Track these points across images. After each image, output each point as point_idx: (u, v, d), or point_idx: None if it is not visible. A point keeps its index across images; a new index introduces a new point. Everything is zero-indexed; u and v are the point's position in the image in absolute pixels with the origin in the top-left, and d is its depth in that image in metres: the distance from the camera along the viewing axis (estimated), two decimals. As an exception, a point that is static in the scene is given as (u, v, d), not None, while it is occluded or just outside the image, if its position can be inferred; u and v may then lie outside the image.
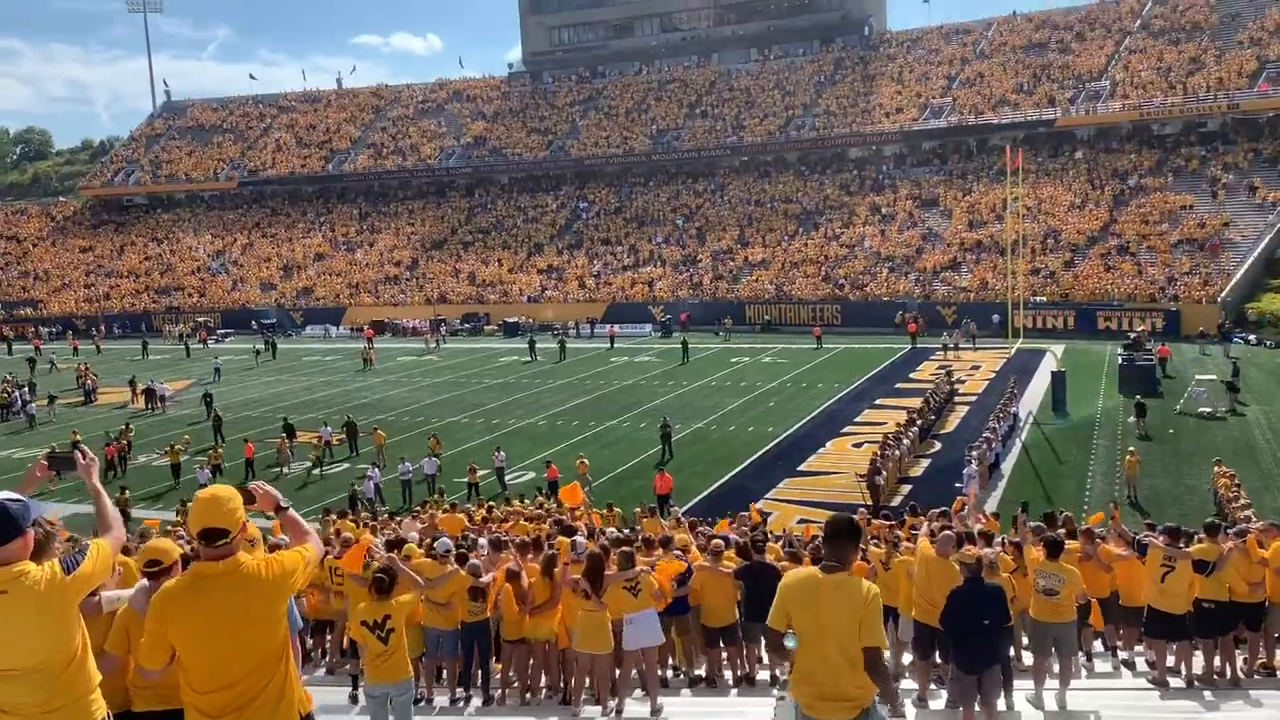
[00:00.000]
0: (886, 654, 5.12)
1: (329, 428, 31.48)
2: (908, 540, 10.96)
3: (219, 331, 66.26)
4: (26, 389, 41.53)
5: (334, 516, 16.17)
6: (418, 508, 20.89)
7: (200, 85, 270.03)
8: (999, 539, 10.88)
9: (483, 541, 10.54)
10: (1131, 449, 24.32)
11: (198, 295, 73.14)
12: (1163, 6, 70.32)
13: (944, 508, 14.64)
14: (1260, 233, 51.20)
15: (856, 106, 73.05)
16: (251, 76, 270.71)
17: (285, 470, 29.28)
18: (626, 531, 13.11)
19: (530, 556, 9.51)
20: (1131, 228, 53.76)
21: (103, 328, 68.71)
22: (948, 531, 8.67)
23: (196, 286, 74.24)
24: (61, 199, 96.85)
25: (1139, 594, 9.74)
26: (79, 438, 30.90)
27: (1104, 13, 73.02)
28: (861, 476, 23.39)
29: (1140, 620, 9.74)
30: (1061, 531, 10.32)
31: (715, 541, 10.22)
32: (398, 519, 17.55)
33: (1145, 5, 71.65)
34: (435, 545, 9.39)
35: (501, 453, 27.35)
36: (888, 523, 14.26)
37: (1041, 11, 77.23)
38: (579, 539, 9.33)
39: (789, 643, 4.80)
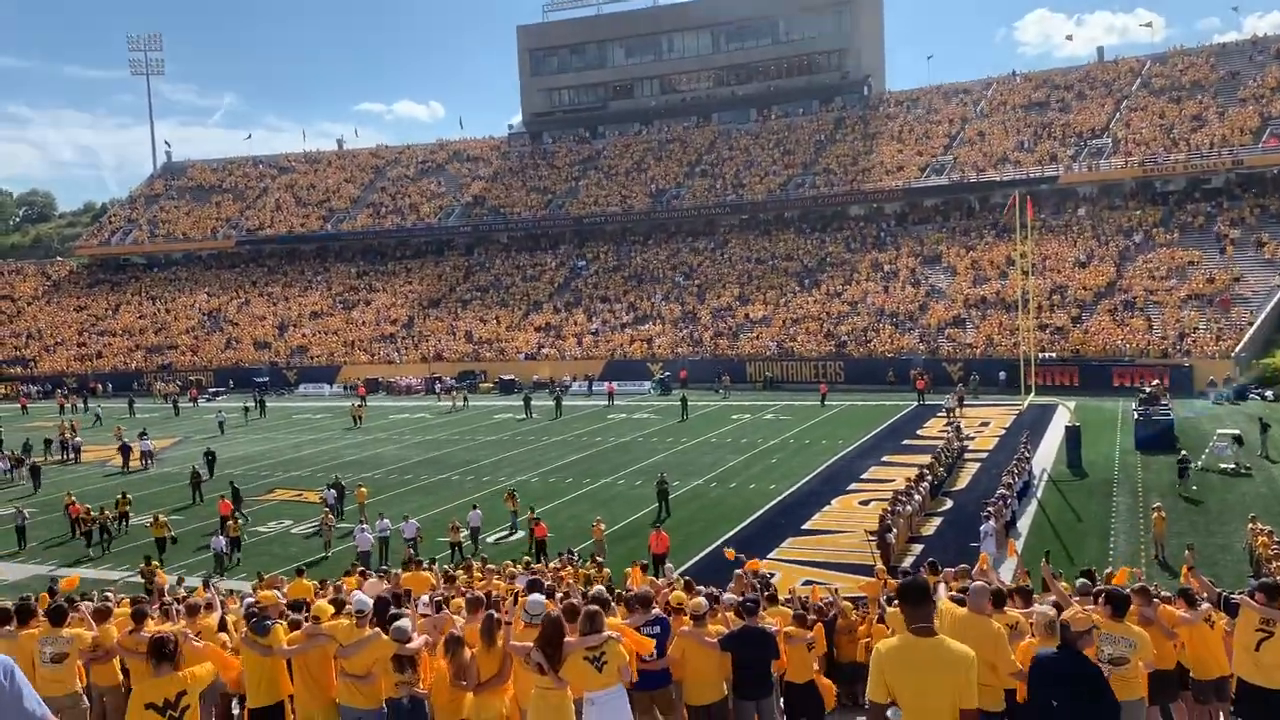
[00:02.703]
0: None
1: (333, 490, 29.22)
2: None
3: (210, 390, 65.12)
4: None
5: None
6: (385, 567, 19.45)
7: (206, 150, 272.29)
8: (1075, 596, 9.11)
9: (424, 599, 9.06)
10: (1157, 505, 22.88)
11: (191, 353, 72.11)
12: (1162, 65, 70.34)
13: (964, 565, 13.29)
14: (1271, 288, 50.18)
15: (857, 165, 72.71)
16: (248, 137, 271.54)
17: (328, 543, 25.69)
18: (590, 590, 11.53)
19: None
20: (1139, 283, 52.80)
21: (96, 386, 67.57)
22: (981, 583, 7.13)
23: (190, 345, 73.24)
24: (59, 259, 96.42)
25: (1213, 665, 8.21)
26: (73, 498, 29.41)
27: (1103, 71, 73.06)
28: (871, 534, 21.94)
29: (1211, 696, 8.23)
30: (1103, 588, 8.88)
31: (697, 601, 8.43)
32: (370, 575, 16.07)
33: (1145, 64, 71.70)
34: (351, 603, 7.74)
35: (478, 511, 25.85)
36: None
37: (1040, 71, 77.52)
38: (536, 597, 7.64)
39: (893, 716, 4.68)
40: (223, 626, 9.55)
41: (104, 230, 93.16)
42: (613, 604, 9.36)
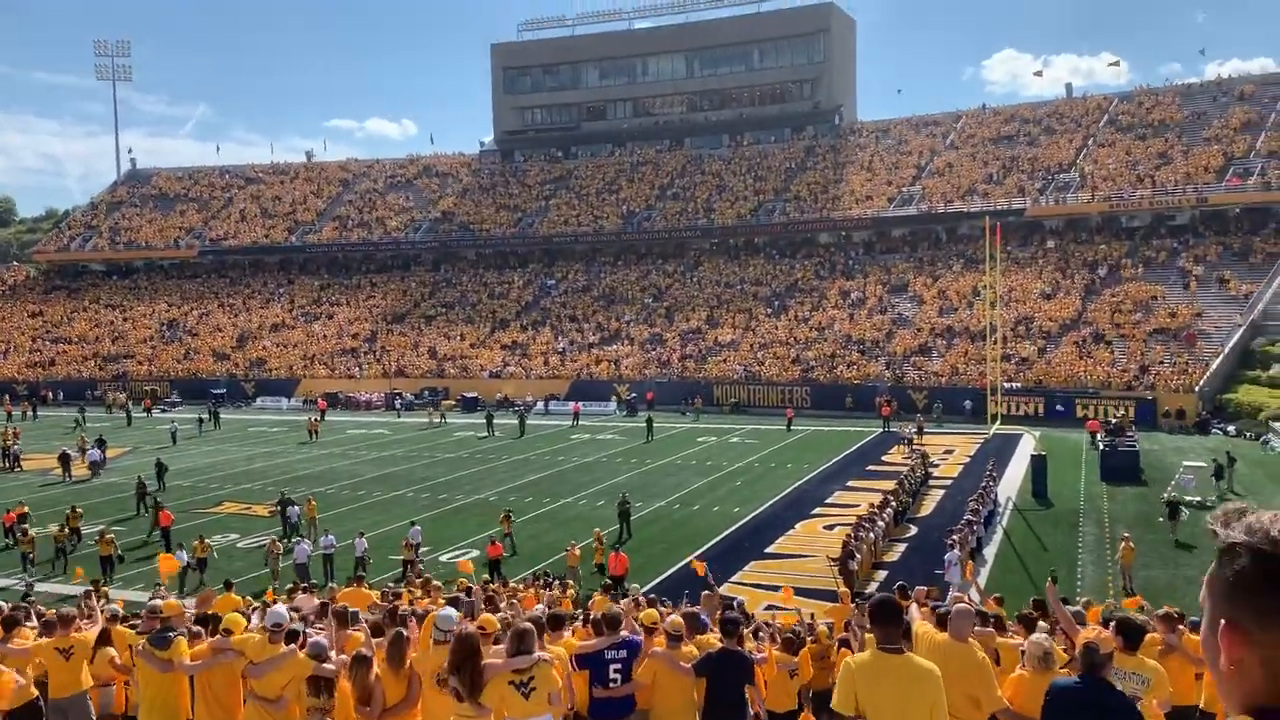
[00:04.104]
0: None
1: (298, 508, 27.67)
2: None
3: (165, 400, 63.60)
4: None
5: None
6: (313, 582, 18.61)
7: (176, 161, 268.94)
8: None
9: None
10: (1126, 535, 22.57)
11: (148, 364, 70.50)
12: (1129, 103, 71.28)
13: (934, 586, 12.80)
14: (1232, 325, 50.59)
15: (827, 193, 72.89)
16: (216, 150, 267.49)
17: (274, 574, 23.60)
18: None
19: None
20: (1104, 316, 53.07)
21: (46, 394, 65.90)
22: (963, 606, 6.49)
23: (147, 355, 71.64)
24: (15, 264, 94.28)
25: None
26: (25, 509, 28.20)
27: (1071, 108, 73.92)
28: (834, 560, 21.41)
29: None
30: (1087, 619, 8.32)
31: (673, 619, 7.67)
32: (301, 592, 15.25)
33: (1112, 102, 72.64)
34: (265, 616, 6.95)
35: (417, 528, 24.94)
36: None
37: (1009, 106, 78.35)
38: (447, 611, 6.70)
39: None
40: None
41: (63, 236, 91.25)
42: (569, 623, 8.70)
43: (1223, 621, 1.33)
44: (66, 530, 26.24)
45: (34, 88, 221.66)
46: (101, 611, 11.21)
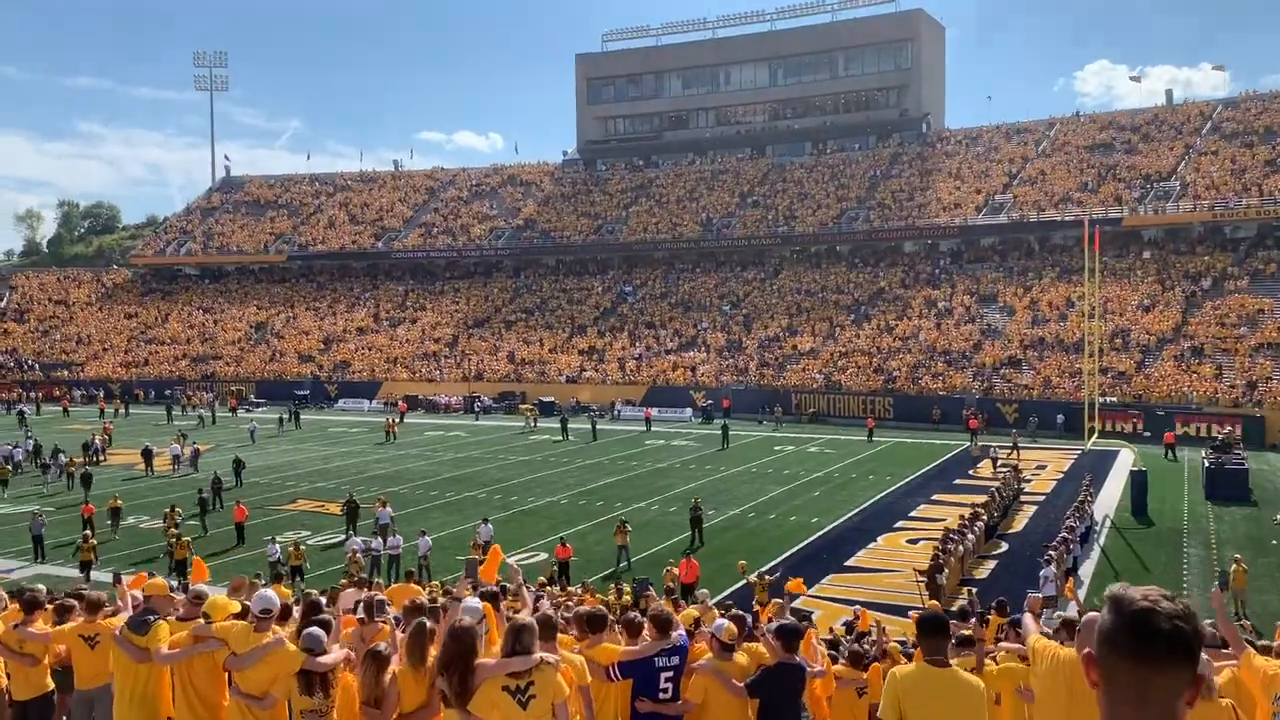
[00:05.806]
0: None
1: (389, 509, 27.00)
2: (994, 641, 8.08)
3: (249, 400, 64.87)
4: (19, 448, 40.11)
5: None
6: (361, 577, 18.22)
7: (270, 172, 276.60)
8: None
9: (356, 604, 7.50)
10: (1237, 556, 20.98)
11: (235, 364, 72.12)
12: (1234, 110, 68.03)
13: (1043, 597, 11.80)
14: (1350, 340, 47.58)
15: (913, 201, 71.09)
16: (307, 158, 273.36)
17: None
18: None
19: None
20: (1206, 330, 50.44)
21: (139, 393, 67.91)
22: (1091, 614, 5.50)
23: (234, 356, 73.32)
24: (115, 267, 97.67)
25: None
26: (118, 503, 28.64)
27: (1171, 114, 70.86)
28: (922, 573, 20.28)
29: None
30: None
31: (728, 627, 6.55)
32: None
33: (1215, 108, 69.42)
34: (252, 601, 6.09)
35: (489, 525, 24.50)
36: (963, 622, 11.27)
37: (1105, 113, 75.45)
38: (470, 601, 5.77)
39: None
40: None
41: (160, 241, 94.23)
42: (612, 624, 7.87)
43: (1086, 651, 2.00)
44: (173, 531, 25.95)
45: (140, 103, 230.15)
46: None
